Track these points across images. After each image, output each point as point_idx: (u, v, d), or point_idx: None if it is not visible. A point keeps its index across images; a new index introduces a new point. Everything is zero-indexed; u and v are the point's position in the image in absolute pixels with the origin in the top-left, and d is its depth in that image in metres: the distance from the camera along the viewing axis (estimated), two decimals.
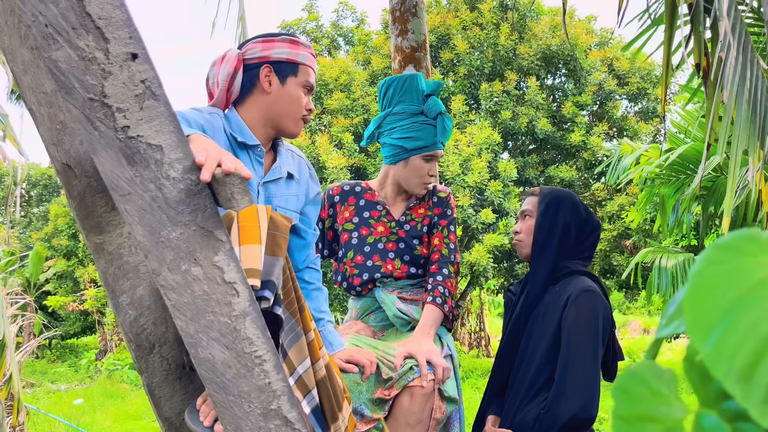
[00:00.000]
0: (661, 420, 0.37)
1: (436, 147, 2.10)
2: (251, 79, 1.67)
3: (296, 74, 1.68)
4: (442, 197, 2.20)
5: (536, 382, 1.81)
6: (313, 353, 1.35)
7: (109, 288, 1.32)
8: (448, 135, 2.13)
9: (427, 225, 2.17)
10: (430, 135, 2.08)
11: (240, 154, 1.66)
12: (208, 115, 1.62)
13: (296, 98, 1.68)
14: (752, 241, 0.34)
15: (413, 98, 2.09)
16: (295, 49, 1.68)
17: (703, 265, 0.34)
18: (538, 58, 10.32)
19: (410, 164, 2.11)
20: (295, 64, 1.68)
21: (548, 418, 1.72)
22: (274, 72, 1.66)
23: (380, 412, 1.86)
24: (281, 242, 1.20)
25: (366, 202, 2.21)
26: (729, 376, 0.31)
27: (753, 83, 2.22)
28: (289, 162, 1.79)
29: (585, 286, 1.82)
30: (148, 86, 0.98)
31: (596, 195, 10.81)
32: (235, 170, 1.02)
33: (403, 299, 2.14)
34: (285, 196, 1.76)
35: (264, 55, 1.66)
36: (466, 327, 12.54)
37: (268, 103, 1.67)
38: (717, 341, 0.32)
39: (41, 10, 0.92)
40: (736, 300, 0.32)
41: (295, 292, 1.30)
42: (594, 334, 1.76)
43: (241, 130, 1.66)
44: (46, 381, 10.10)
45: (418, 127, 2.08)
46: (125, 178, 0.98)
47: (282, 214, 1.27)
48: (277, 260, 1.18)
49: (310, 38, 12.66)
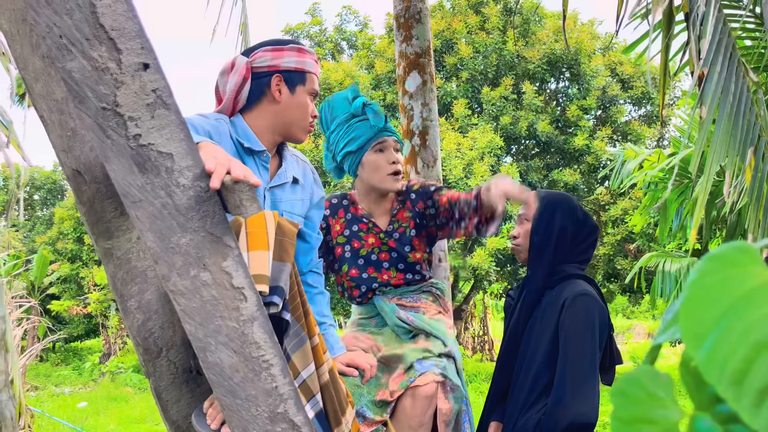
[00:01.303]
0: (658, 422, 0.39)
1: (378, 135, 2.12)
2: (260, 88, 1.68)
3: (304, 83, 1.70)
4: (417, 189, 2.21)
5: (536, 387, 1.81)
6: (318, 358, 1.36)
7: (117, 292, 1.34)
8: (382, 118, 2.14)
9: (414, 228, 2.18)
10: (366, 127, 2.11)
11: (246, 159, 1.68)
12: (214, 121, 1.64)
13: (304, 106, 1.70)
14: (743, 253, 0.35)
15: (341, 108, 2.15)
16: (302, 57, 1.70)
17: (697, 276, 0.36)
18: (543, 63, 10.34)
19: (367, 163, 2.13)
20: (303, 72, 1.70)
21: (548, 423, 1.71)
22: (284, 81, 1.67)
23: (383, 414, 1.87)
24: (289, 248, 1.22)
25: (353, 216, 2.22)
26: (722, 381, 0.33)
27: (736, 97, 2.24)
28: (294, 167, 1.81)
29: (581, 290, 1.82)
30: (159, 95, 1.00)
31: (599, 199, 10.81)
32: (244, 178, 1.04)
33: (402, 306, 2.14)
34: (291, 201, 1.78)
35: (274, 65, 1.67)
36: (470, 331, 12.53)
37: (278, 111, 1.69)
38: (710, 348, 0.33)
39: (56, 21, 0.94)
40: (728, 309, 0.33)
41: (300, 296, 1.32)
42: (591, 338, 1.76)
43: (247, 136, 1.67)
44: (50, 384, 10.13)
45: (353, 127, 2.12)
46: (136, 185, 1.00)
47: (289, 220, 1.28)
48: (285, 266, 1.20)
49: (314, 42, 12.71)
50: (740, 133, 2.25)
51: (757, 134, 2.31)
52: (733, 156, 2.25)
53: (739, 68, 2.31)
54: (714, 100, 2.21)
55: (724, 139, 2.24)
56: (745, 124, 2.27)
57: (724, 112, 2.22)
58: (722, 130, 2.23)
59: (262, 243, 1.13)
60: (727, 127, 2.23)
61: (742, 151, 2.26)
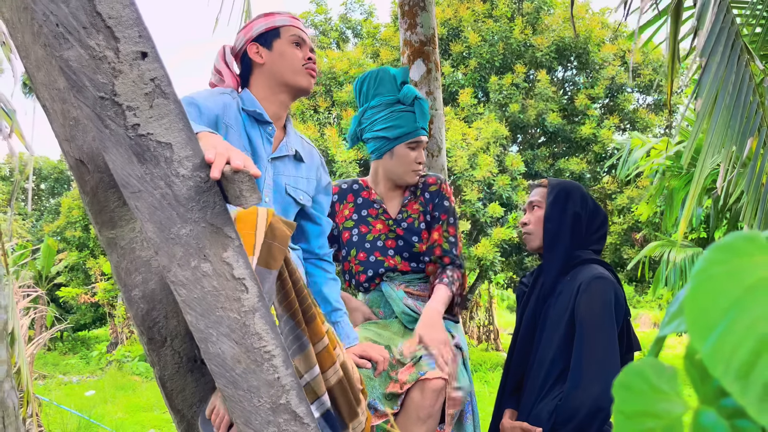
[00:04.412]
0: (662, 416, 0.38)
1: (418, 133, 2.11)
2: (247, 63, 1.77)
3: (279, 36, 1.75)
4: (434, 190, 2.19)
5: (551, 375, 1.78)
6: (326, 360, 1.35)
7: (121, 282, 1.34)
8: (427, 118, 2.14)
9: (424, 222, 2.17)
10: (411, 121, 2.09)
11: (251, 130, 1.71)
12: (219, 95, 1.68)
13: (288, 53, 1.74)
14: (751, 242, 0.34)
15: (388, 89, 2.11)
16: (269, 18, 1.76)
17: (703, 266, 0.35)
18: (552, 51, 10.26)
19: (396, 154, 2.12)
20: (274, 29, 1.75)
21: (565, 410, 1.67)
22: (260, 45, 1.75)
23: (393, 407, 1.87)
24: (277, 254, 1.20)
25: (363, 200, 2.21)
26: (727, 375, 0.32)
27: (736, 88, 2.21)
28: (297, 142, 1.84)
29: (596, 273, 1.79)
30: (157, 84, 0.99)
31: (606, 188, 10.75)
32: (244, 167, 1.03)
33: (410, 294, 2.14)
34: (294, 177, 1.79)
35: (246, 38, 1.76)
36: (475, 321, 12.55)
37: (267, 71, 1.74)
38: (716, 341, 0.32)
39: (52, 9, 0.93)
40: (734, 301, 0.32)
41: (302, 303, 1.30)
42: (608, 320, 1.71)
43: (254, 105, 1.72)
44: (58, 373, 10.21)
45: (397, 116, 2.09)
46: (136, 175, 0.99)
47: (284, 220, 1.26)
48: (270, 273, 1.18)
49: (319, 31, 12.65)
50: (738, 123, 2.22)
51: (758, 124, 2.28)
52: (730, 147, 2.22)
53: (741, 57, 2.27)
54: (711, 92, 2.18)
55: (721, 130, 2.21)
56: (744, 113, 2.23)
57: (723, 103, 2.19)
58: (719, 121, 2.20)
59: (248, 247, 1.12)
60: (725, 118, 2.20)
61: (740, 142, 2.23)
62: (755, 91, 2.28)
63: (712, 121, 2.21)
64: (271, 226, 1.20)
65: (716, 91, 2.19)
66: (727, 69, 2.21)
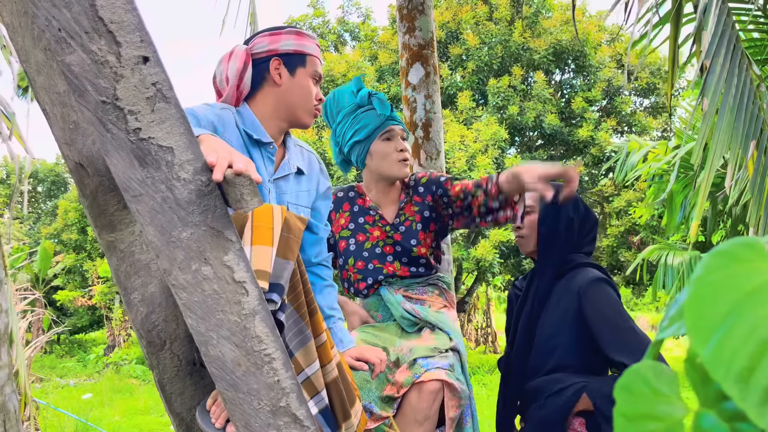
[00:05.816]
0: (662, 419, 0.38)
1: (385, 124, 2.14)
2: (261, 74, 1.68)
3: (305, 65, 1.69)
4: (425, 181, 2.21)
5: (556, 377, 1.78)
6: (324, 356, 1.36)
7: (121, 285, 1.34)
8: (388, 107, 2.16)
9: (421, 221, 2.17)
10: (373, 116, 2.13)
11: (252, 150, 1.66)
12: (219, 110, 1.62)
13: (307, 88, 1.69)
14: (750, 248, 0.35)
15: (347, 100, 2.16)
16: (301, 40, 1.69)
17: (703, 272, 0.35)
18: (549, 53, 10.29)
19: (374, 152, 2.14)
20: (302, 55, 1.69)
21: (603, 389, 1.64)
22: (283, 64, 1.67)
23: (389, 410, 1.87)
24: (293, 245, 1.21)
25: (359, 208, 2.22)
26: (727, 379, 0.32)
27: (739, 90, 2.23)
28: (298, 157, 1.80)
29: (593, 276, 1.80)
30: (159, 89, 1.00)
31: (604, 191, 10.78)
32: (246, 171, 1.03)
33: (408, 298, 2.14)
34: (296, 193, 1.76)
35: (272, 49, 1.66)
36: (473, 323, 12.54)
37: (280, 95, 1.68)
38: (716, 345, 0.33)
39: (54, 14, 0.93)
40: (734, 306, 0.33)
41: (306, 295, 1.31)
42: (625, 314, 1.71)
43: (254, 126, 1.66)
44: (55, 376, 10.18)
45: (360, 117, 2.14)
46: (137, 179, 1.00)
47: (296, 215, 1.27)
48: (288, 263, 1.19)
49: (317, 34, 12.66)
50: (743, 125, 2.24)
51: (759, 127, 2.29)
52: (736, 148, 2.23)
53: (742, 61, 2.29)
54: (717, 93, 2.19)
55: (727, 131, 2.22)
56: (747, 116, 2.25)
57: (727, 105, 2.21)
58: (725, 122, 2.21)
59: (267, 238, 1.13)
60: (730, 119, 2.22)
61: (745, 144, 2.25)
62: (756, 95, 2.30)
63: (718, 121, 2.22)
64: (285, 220, 1.21)
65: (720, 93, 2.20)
66: (729, 72, 2.23)
